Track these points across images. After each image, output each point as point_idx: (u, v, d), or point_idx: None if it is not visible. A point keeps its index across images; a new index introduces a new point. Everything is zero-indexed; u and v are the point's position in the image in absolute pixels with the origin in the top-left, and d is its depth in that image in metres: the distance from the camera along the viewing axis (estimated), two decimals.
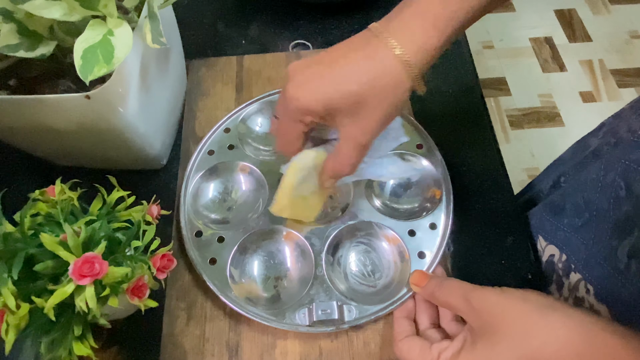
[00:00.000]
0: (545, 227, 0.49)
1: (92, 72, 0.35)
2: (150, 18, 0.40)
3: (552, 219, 0.48)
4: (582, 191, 0.44)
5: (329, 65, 0.36)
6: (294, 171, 0.42)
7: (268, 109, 0.56)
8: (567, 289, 0.44)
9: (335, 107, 0.36)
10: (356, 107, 0.35)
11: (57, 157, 0.52)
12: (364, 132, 0.37)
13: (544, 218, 0.50)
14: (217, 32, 0.66)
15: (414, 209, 0.49)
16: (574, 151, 0.57)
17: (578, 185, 0.45)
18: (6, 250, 0.33)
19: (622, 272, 0.37)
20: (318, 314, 0.42)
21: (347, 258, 0.46)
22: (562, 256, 0.46)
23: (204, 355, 0.42)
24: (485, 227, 0.50)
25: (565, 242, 0.46)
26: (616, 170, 0.39)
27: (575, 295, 0.43)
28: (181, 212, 0.48)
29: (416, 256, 0.45)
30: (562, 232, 0.46)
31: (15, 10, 0.38)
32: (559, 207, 0.48)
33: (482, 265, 0.48)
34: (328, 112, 0.36)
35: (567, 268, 0.45)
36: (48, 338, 0.34)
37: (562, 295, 0.45)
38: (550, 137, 1.54)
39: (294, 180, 0.42)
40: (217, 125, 0.54)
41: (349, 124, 0.37)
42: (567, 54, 1.72)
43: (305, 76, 0.36)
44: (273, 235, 0.47)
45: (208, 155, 0.52)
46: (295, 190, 0.43)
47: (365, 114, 0.36)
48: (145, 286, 0.36)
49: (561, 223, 0.47)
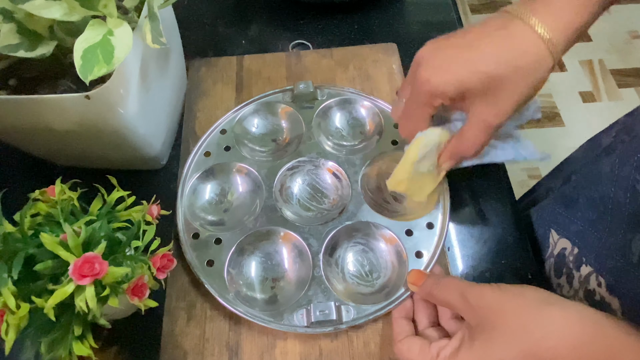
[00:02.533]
0: (558, 220, 0.49)
1: (92, 72, 0.35)
2: (150, 18, 0.40)
3: (565, 212, 0.48)
4: (596, 184, 0.43)
5: (464, 47, 0.36)
6: (418, 146, 0.41)
7: (264, 110, 0.55)
8: (578, 281, 0.44)
9: (468, 88, 0.35)
10: (491, 88, 0.35)
11: (57, 157, 0.52)
12: (497, 113, 0.36)
13: (556, 212, 0.49)
14: (217, 32, 0.66)
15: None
16: (585, 150, 0.56)
17: (592, 178, 0.45)
18: (6, 250, 0.33)
19: (635, 265, 0.37)
20: (316, 315, 0.42)
21: (344, 258, 0.46)
22: (574, 249, 0.45)
23: (204, 355, 0.42)
24: (485, 227, 0.50)
25: (578, 235, 0.45)
26: (632, 164, 0.39)
27: (586, 287, 0.43)
28: (178, 214, 0.48)
29: (413, 256, 0.45)
30: (576, 226, 0.46)
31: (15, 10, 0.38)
32: (572, 200, 0.47)
33: (482, 265, 0.48)
34: (459, 94, 0.36)
35: (578, 261, 0.44)
36: (48, 338, 0.34)
37: (573, 287, 0.45)
38: (550, 137, 1.54)
39: (416, 156, 0.41)
40: (213, 127, 0.54)
41: (480, 105, 0.36)
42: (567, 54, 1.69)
43: (439, 59, 0.36)
44: (270, 236, 0.47)
45: (204, 157, 0.52)
46: (416, 165, 0.42)
47: (501, 94, 0.35)
48: (145, 286, 0.36)
49: (575, 216, 0.46)
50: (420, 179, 0.44)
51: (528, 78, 0.35)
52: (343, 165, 0.51)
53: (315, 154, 0.52)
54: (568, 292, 0.46)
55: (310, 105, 0.54)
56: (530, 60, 0.34)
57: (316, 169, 0.51)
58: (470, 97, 0.36)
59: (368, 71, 0.59)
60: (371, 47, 0.61)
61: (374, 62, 0.60)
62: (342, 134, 0.54)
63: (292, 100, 0.55)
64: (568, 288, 0.46)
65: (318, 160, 0.51)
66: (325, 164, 0.51)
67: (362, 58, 0.60)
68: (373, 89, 0.57)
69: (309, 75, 0.59)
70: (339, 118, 0.55)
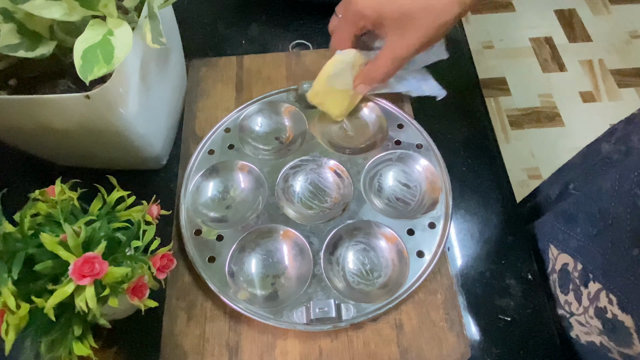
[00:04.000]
0: (558, 236, 0.49)
1: (92, 72, 0.35)
2: (150, 18, 0.40)
3: (564, 227, 0.48)
4: (596, 200, 0.44)
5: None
6: (334, 62, 0.48)
7: (268, 109, 0.56)
8: (587, 299, 0.44)
9: (385, 16, 0.42)
10: (404, 22, 0.42)
11: (57, 157, 0.52)
12: (405, 46, 0.43)
13: (555, 227, 0.50)
14: (217, 32, 0.66)
15: (413, 208, 0.49)
16: (584, 157, 0.56)
17: (591, 194, 0.45)
18: (6, 250, 0.33)
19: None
20: (315, 312, 0.42)
21: (345, 257, 0.46)
22: (577, 265, 0.46)
23: (204, 355, 0.42)
24: (485, 227, 0.50)
25: (579, 250, 0.46)
26: (632, 180, 0.39)
27: (597, 305, 0.43)
28: (181, 211, 0.48)
29: (415, 255, 0.45)
30: (576, 241, 0.46)
31: (15, 10, 0.38)
32: (571, 216, 0.48)
33: (482, 265, 0.48)
34: (379, 20, 0.43)
35: (585, 277, 0.44)
36: (48, 338, 0.34)
37: (582, 304, 0.45)
38: (550, 137, 1.54)
39: (331, 70, 0.48)
40: (217, 125, 0.54)
41: (393, 35, 0.43)
42: (567, 54, 1.72)
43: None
44: (272, 233, 0.47)
45: (208, 155, 0.52)
46: (330, 79, 0.49)
47: (410, 29, 0.42)
48: (145, 286, 0.36)
49: (574, 232, 0.47)
50: (336, 95, 0.51)
51: (435, 20, 0.41)
52: (345, 164, 0.51)
53: (318, 152, 0.52)
54: (577, 310, 0.45)
55: (314, 105, 0.54)
56: (440, 4, 0.41)
57: (318, 168, 0.51)
58: (387, 26, 0.43)
59: None
60: None
61: None
62: (344, 133, 0.54)
63: (295, 99, 0.56)
64: (577, 305, 0.45)
65: (320, 159, 0.51)
66: (327, 163, 0.51)
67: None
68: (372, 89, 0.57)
69: (309, 75, 0.59)
70: None
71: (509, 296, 0.46)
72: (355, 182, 0.50)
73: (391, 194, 0.50)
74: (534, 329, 0.45)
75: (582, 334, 0.45)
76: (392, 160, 0.51)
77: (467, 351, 0.42)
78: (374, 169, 0.51)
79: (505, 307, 0.45)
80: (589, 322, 0.44)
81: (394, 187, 0.51)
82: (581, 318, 0.45)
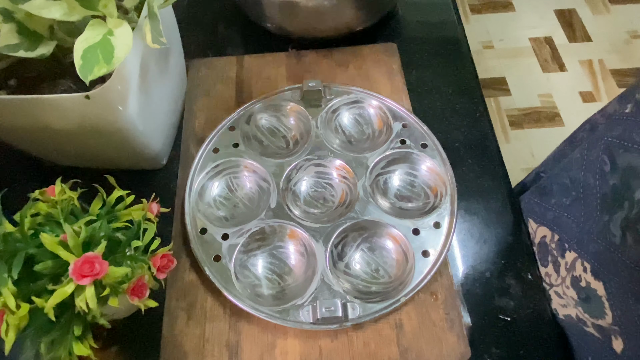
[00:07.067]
0: (534, 209, 0.50)
1: (92, 72, 0.35)
2: (150, 18, 0.40)
3: (540, 201, 0.49)
4: (567, 171, 0.45)
5: None
6: None
7: (272, 108, 0.56)
8: (564, 269, 0.45)
9: None
10: None
11: (57, 157, 0.51)
12: None
13: (532, 201, 0.51)
14: (217, 32, 0.66)
15: (418, 208, 0.49)
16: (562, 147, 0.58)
17: (563, 166, 0.46)
18: (6, 250, 0.33)
19: (617, 247, 0.37)
20: (322, 312, 0.42)
21: (351, 256, 0.46)
22: (554, 236, 0.46)
23: (204, 355, 0.42)
24: (485, 227, 0.50)
25: (555, 222, 0.46)
26: (599, 147, 0.40)
27: (572, 274, 0.43)
28: (186, 210, 0.48)
29: (420, 255, 0.45)
30: (551, 212, 0.47)
31: (15, 10, 0.38)
32: (545, 188, 0.49)
33: (482, 265, 0.48)
34: None
35: (562, 248, 0.45)
36: (48, 338, 0.34)
37: (560, 275, 0.45)
38: (550, 137, 1.54)
39: None
40: (222, 124, 0.54)
41: None
42: (567, 54, 1.72)
43: None
44: (277, 233, 0.47)
45: (213, 153, 0.52)
46: None
47: None
48: (145, 286, 0.36)
49: (549, 203, 0.47)
50: None
51: None
52: (350, 163, 0.51)
53: (323, 152, 0.52)
54: (556, 281, 0.46)
55: (318, 103, 0.54)
56: None
57: (324, 167, 0.51)
58: None
59: (368, 71, 0.59)
60: (371, 47, 0.61)
61: (374, 62, 0.60)
62: (349, 133, 0.54)
63: (300, 98, 0.56)
64: (556, 276, 0.46)
65: (325, 158, 0.51)
66: (332, 162, 0.51)
67: (362, 58, 0.60)
68: (373, 89, 0.57)
69: (309, 75, 0.59)
70: (346, 117, 0.55)
71: (509, 296, 0.46)
72: (360, 182, 0.50)
73: (396, 194, 0.50)
74: (534, 329, 0.45)
75: (560, 307, 0.45)
76: (397, 159, 0.51)
77: (467, 351, 0.42)
78: (379, 168, 0.51)
79: (505, 307, 0.45)
80: (565, 293, 0.44)
81: (399, 187, 0.51)
82: (559, 289, 0.45)
